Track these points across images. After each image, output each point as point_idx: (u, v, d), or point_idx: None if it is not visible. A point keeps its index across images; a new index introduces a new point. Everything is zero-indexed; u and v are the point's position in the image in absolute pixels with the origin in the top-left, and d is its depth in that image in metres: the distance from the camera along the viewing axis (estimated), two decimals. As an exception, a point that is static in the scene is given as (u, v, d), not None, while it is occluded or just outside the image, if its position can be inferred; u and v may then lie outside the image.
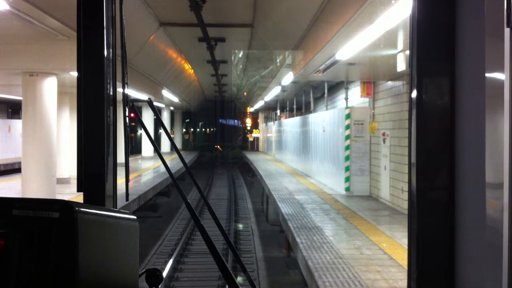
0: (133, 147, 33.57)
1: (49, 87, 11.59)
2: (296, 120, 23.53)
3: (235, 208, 19.67)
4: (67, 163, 15.90)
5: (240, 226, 16.59)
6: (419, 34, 1.35)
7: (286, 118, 28.63)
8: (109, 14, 1.63)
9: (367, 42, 8.24)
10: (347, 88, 15.58)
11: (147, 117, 24.79)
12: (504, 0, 1.07)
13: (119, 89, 1.66)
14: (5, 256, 1.03)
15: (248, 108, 44.82)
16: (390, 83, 12.32)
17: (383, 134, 12.63)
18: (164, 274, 10.12)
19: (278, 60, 18.03)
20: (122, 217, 1.30)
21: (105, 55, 1.61)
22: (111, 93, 1.65)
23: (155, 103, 2.26)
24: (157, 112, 1.90)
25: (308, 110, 21.87)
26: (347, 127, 13.89)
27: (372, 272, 6.74)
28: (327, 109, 17.78)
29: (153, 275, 1.42)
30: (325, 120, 16.46)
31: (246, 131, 52.55)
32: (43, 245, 1.03)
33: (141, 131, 37.65)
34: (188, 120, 54.50)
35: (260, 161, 27.91)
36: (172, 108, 37.31)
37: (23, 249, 1.03)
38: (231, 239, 13.88)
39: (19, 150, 14.91)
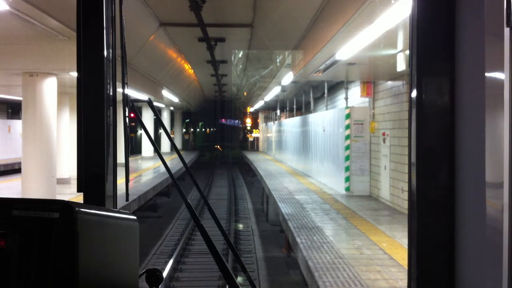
0: (133, 147, 33.54)
1: (49, 87, 11.59)
2: (296, 120, 23.51)
3: (235, 208, 19.67)
4: (67, 163, 15.89)
5: (240, 226, 16.59)
6: (419, 34, 1.34)
7: (286, 118, 28.61)
8: (109, 14, 1.63)
9: (367, 42, 8.23)
10: (347, 88, 15.58)
11: (147, 117, 24.80)
12: (504, 0, 1.07)
13: (119, 89, 1.66)
14: (5, 257, 1.03)
15: (248, 108, 44.81)
16: (390, 83, 12.31)
17: (383, 134, 12.62)
18: (164, 274, 10.12)
19: (278, 60, 18.01)
20: (122, 217, 1.30)
21: (105, 55, 1.61)
22: (111, 93, 1.65)
23: (155, 103, 2.26)
24: (157, 112, 1.89)
25: (308, 110, 21.86)
26: (347, 127, 13.89)
27: (372, 272, 6.74)
28: (327, 109, 17.77)
29: (153, 275, 1.42)
30: (325, 120, 16.46)
31: (246, 131, 52.54)
32: (43, 246, 1.02)
33: (141, 131, 37.65)
34: (188, 120, 54.49)
35: (260, 161, 27.90)
36: (172, 108, 37.29)
37: (23, 250, 1.03)
38: (231, 239, 13.88)
39: (19, 150, 14.90)
